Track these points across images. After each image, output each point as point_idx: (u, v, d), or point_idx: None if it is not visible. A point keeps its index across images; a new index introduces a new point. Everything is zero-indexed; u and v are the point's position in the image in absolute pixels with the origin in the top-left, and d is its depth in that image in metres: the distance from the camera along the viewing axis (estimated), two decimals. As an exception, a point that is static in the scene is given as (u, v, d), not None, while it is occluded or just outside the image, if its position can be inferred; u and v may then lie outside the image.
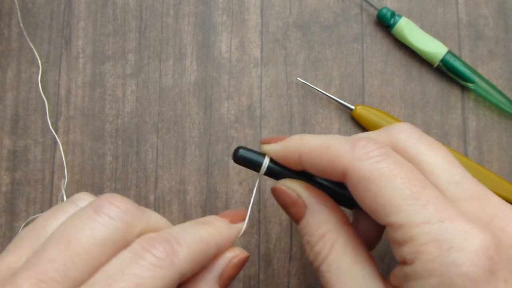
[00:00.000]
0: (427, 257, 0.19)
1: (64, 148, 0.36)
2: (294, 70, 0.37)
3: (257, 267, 0.34)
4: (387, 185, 0.20)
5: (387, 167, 0.20)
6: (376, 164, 0.20)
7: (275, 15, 0.37)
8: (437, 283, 0.18)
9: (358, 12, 0.37)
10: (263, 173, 0.25)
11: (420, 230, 0.19)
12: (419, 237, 0.19)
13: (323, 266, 0.22)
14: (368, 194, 0.20)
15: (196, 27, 0.37)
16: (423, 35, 0.36)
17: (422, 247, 0.19)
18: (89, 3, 0.38)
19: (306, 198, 0.24)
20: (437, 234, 0.19)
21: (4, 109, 0.36)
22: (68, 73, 0.37)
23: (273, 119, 0.36)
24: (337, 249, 0.22)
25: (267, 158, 0.25)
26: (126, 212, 0.20)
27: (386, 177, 0.20)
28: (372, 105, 0.36)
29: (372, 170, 0.20)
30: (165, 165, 0.35)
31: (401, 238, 0.19)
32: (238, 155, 0.24)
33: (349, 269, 0.21)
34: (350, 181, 0.21)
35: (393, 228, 0.20)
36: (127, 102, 0.36)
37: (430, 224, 0.19)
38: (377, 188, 0.20)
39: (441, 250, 0.18)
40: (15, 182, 0.35)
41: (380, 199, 0.20)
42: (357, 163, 0.21)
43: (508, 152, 0.36)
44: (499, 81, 0.36)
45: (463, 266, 0.18)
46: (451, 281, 0.18)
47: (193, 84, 0.37)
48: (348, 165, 0.21)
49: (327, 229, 0.23)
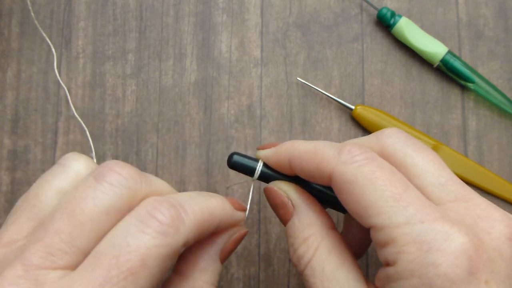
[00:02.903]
0: (408, 257, 0.19)
1: (64, 148, 0.36)
2: (294, 70, 0.37)
3: (257, 267, 0.34)
4: (369, 188, 0.20)
5: (370, 170, 0.21)
6: (359, 168, 0.21)
7: (275, 15, 0.37)
8: (417, 283, 0.18)
9: (358, 12, 0.37)
10: (256, 177, 0.25)
11: (401, 231, 0.19)
12: (400, 238, 0.19)
13: (307, 270, 0.22)
14: (352, 197, 0.21)
15: (196, 27, 0.37)
16: (423, 35, 0.36)
17: (403, 248, 0.19)
18: (89, 3, 0.38)
19: (295, 199, 0.24)
20: (417, 235, 0.19)
21: (4, 109, 0.36)
22: (68, 73, 0.37)
23: (273, 119, 0.36)
24: (321, 253, 0.22)
25: (261, 163, 0.25)
26: (128, 178, 0.20)
27: (368, 180, 0.20)
28: (372, 105, 0.36)
29: (355, 173, 0.21)
30: (165, 165, 0.35)
31: (383, 239, 0.20)
32: (232, 161, 0.25)
33: (333, 273, 0.21)
34: (335, 184, 0.22)
35: (376, 230, 0.20)
36: (127, 102, 0.36)
37: (410, 225, 0.19)
38: (360, 191, 0.20)
39: (421, 251, 0.19)
40: (15, 182, 0.35)
41: (363, 202, 0.20)
42: (341, 167, 0.21)
43: (508, 152, 0.36)
44: (499, 81, 0.36)
45: (442, 267, 0.18)
46: (430, 281, 0.18)
47: (193, 84, 0.37)
48: (333, 169, 0.21)
49: (311, 232, 0.23)
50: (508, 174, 0.35)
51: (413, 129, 0.35)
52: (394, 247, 0.19)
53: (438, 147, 0.35)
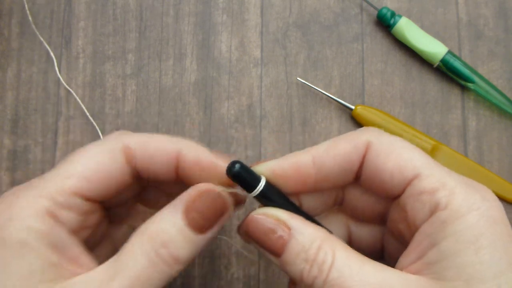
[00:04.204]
0: (460, 196, 0.21)
1: (64, 148, 0.36)
2: (294, 70, 0.37)
3: (257, 267, 0.34)
4: (409, 147, 0.23)
5: (402, 139, 0.24)
6: (392, 136, 0.24)
7: (275, 15, 0.37)
8: (477, 216, 0.21)
9: (358, 12, 0.37)
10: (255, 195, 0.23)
11: (448, 178, 0.22)
12: (449, 182, 0.22)
13: (332, 273, 0.21)
14: (393, 155, 0.23)
15: (196, 27, 0.37)
16: (423, 35, 0.36)
17: (453, 189, 0.21)
18: (89, 3, 0.38)
19: (288, 219, 0.23)
20: (460, 180, 0.22)
21: (4, 109, 0.36)
22: (68, 73, 0.37)
23: (273, 119, 0.36)
24: (340, 253, 0.22)
25: (263, 179, 0.23)
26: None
27: (405, 143, 0.23)
28: (372, 105, 0.36)
29: (391, 138, 0.24)
30: (165, 165, 0.35)
31: (432, 185, 0.22)
32: (233, 171, 0.22)
33: (361, 267, 0.21)
34: (374, 148, 0.23)
35: (422, 178, 0.22)
36: (127, 102, 0.36)
37: (451, 175, 0.22)
38: (401, 149, 0.23)
39: (469, 190, 0.21)
40: (15, 182, 0.35)
41: (407, 155, 0.23)
42: (376, 134, 0.24)
43: (508, 152, 0.36)
44: (499, 81, 0.36)
45: (492, 200, 0.21)
46: (488, 212, 0.21)
47: (193, 84, 0.37)
48: (370, 136, 0.23)
49: (322, 239, 0.22)
50: (508, 174, 0.35)
51: (413, 129, 0.35)
52: (445, 190, 0.21)
53: (438, 147, 0.35)
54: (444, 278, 0.20)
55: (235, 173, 0.22)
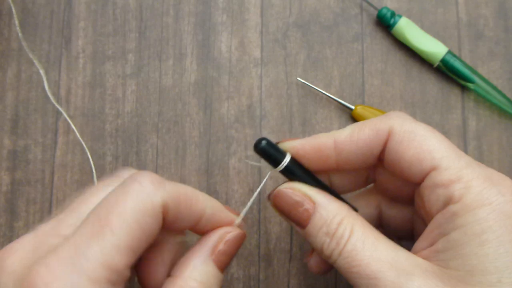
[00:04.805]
0: (475, 190, 0.21)
1: (64, 148, 0.36)
2: (294, 70, 0.37)
3: (257, 267, 0.34)
4: (430, 136, 0.23)
5: (425, 125, 0.24)
6: (415, 123, 0.24)
7: (275, 15, 0.37)
8: (488, 210, 0.21)
9: (358, 12, 0.37)
10: (280, 170, 0.25)
11: (466, 170, 0.22)
12: (466, 175, 0.22)
13: (347, 246, 0.23)
14: (413, 144, 0.23)
15: (196, 27, 0.37)
16: (423, 35, 0.36)
17: (469, 183, 0.22)
18: (89, 3, 0.38)
19: (313, 195, 0.24)
20: (479, 173, 0.22)
21: (4, 109, 0.36)
22: (68, 73, 0.37)
23: (273, 119, 0.36)
24: (357, 229, 0.23)
25: (289, 155, 0.25)
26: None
27: (428, 131, 0.23)
28: (372, 105, 0.36)
29: (414, 125, 0.24)
30: (165, 165, 0.35)
31: (448, 178, 0.22)
32: (260, 147, 0.24)
33: (374, 243, 0.22)
34: (395, 136, 0.24)
35: (439, 170, 0.22)
36: (127, 102, 0.36)
37: (471, 167, 0.22)
38: (422, 137, 0.23)
39: (486, 184, 0.22)
40: (15, 182, 0.35)
41: (426, 146, 0.23)
42: (400, 121, 0.24)
43: (508, 152, 0.36)
44: (499, 81, 0.36)
45: (508, 195, 0.22)
46: (500, 207, 0.21)
47: (193, 84, 0.37)
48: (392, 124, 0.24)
49: (343, 215, 0.24)
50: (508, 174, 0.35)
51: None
52: (461, 183, 0.22)
53: (438, 147, 0.35)
54: (448, 266, 0.21)
55: (261, 148, 0.24)
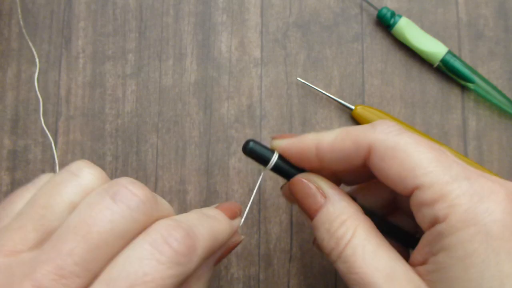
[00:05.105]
0: (460, 209, 0.20)
1: (64, 148, 0.36)
2: (294, 70, 0.37)
3: (257, 267, 0.34)
4: (413, 150, 0.22)
5: (409, 136, 0.22)
6: (399, 135, 0.22)
7: (275, 15, 0.37)
8: (473, 231, 0.20)
9: (358, 12, 0.37)
10: (270, 168, 0.25)
11: (451, 186, 0.21)
12: (451, 193, 0.20)
13: (347, 250, 0.22)
14: (395, 161, 0.22)
15: (196, 27, 0.37)
16: (423, 35, 0.36)
17: (454, 201, 0.20)
18: (89, 3, 0.38)
19: (326, 189, 0.24)
20: (466, 189, 0.20)
21: (4, 109, 0.36)
22: (68, 73, 0.37)
23: (273, 119, 0.36)
24: (360, 233, 0.22)
25: (276, 154, 0.25)
26: (146, 202, 0.20)
27: (411, 144, 0.22)
28: (372, 105, 0.36)
29: (396, 140, 0.22)
30: (165, 165, 0.35)
31: (433, 196, 0.21)
32: (248, 148, 0.25)
33: (374, 251, 0.22)
34: (376, 153, 0.22)
35: (423, 189, 0.21)
36: (127, 102, 0.36)
37: (458, 181, 0.21)
38: (404, 154, 0.22)
39: (473, 202, 0.20)
40: (15, 182, 0.35)
41: (408, 164, 0.22)
42: (381, 135, 0.23)
43: (508, 152, 0.36)
44: (499, 81, 0.36)
45: (496, 213, 0.20)
46: (486, 227, 0.20)
47: (193, 84, 0.37)
48: (374, 139, 0.23)
49: (348, 215, 0.23)
50: (508, 174, 0.35)
51: (413, 129, 0.35)
52: (445, 202, 0.20)
53: (438, 147, 0.35)
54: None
55: (249, 150, 0.25)
